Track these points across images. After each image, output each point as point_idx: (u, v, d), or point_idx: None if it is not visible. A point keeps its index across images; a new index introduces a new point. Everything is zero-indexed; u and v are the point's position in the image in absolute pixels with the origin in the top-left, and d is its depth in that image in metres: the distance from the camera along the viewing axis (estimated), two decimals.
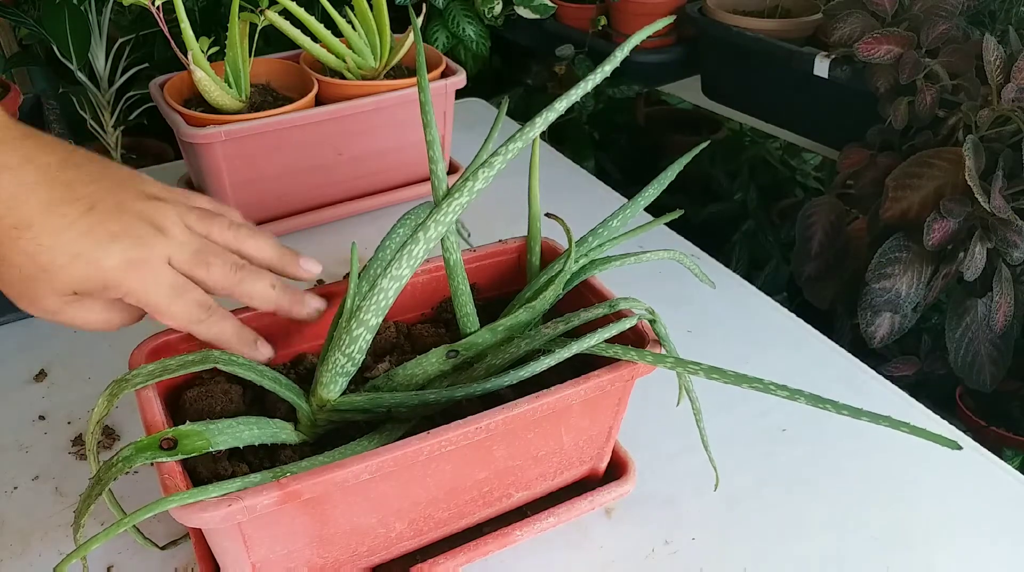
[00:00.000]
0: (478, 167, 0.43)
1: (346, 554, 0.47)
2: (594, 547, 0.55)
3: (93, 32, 1.12)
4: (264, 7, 0.79)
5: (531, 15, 1.25)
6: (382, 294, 0.44)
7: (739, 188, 1.54)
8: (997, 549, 0.56)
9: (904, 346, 1.04)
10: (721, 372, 0.44)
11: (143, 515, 0.38)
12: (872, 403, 0.63)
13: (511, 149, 0.42)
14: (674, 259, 0.54)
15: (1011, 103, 0.88)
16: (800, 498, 0.59)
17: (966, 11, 1.02)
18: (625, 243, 0.55)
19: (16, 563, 0.53)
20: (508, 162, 0.43)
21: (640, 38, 0.43)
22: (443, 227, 0.43)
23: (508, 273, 0.61)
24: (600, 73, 0.43)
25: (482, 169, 0.42)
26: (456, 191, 0.43)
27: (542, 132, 0.44)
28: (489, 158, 0.42)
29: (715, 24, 1.24)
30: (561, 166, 1.03)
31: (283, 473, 0.42)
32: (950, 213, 0.88)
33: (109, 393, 0.43)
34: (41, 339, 0.72)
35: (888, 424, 0.41)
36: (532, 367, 0.47)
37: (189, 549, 0.53)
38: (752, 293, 0.81)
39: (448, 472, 0.47)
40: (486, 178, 0.43)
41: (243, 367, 0.45)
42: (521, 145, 0.42)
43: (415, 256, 0.43)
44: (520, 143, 0.42)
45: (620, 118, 1.66)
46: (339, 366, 0.46)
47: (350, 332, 0.45)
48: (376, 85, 0.84)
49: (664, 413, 0.58)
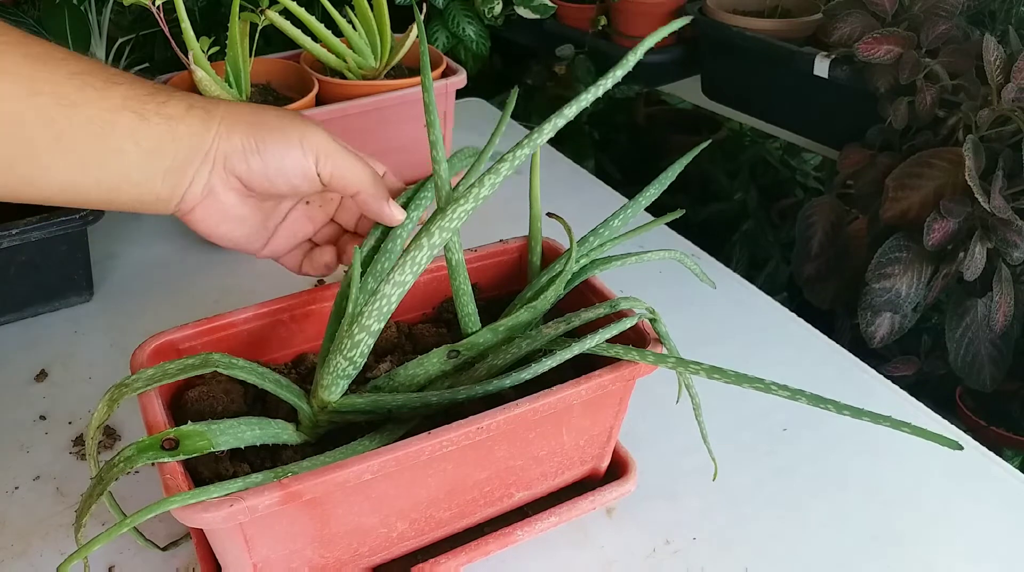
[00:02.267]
0: (485, 174, 0.42)
1: (348, 554, 0.47)
2: (595, 547, 0.55)
3: (93, 32, 1.12)
4: (264, 7, 0.79)
5: (531, 15, 1.25)
6: (385, 300, 0.44)
7: (739, 188, 1.54)
8: (997, 549, 0.56)
9: (904, 346, 1.04)
10: (722, 372, 0.44)
11: (145, 516, 0.38)
12: (873, 403, 0.63)
13: (519, 155, 0.42)
14: (675, 259, 0.54)
15: (1011, 103, 0.88)
16: (801, 498, 0.59)
17: (966, 11, 1.02)
18: (625, 243, 0.55)
19: (17, 563, 0.53)
20: (516, 168, 0.42)
21: (654, 40, 0.42)
22: (448, 233, 0.43)
23: (509, 273, 0.61)
24: (612, 78, 0.42)
25: (489, 175, 0.42)
26: (462, 197, 0.43)
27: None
28: (496, 165, 0.42)
29: (715, 24, 1.24)
30: (561, 166, 1.03)
31: (285, 473, 0.42)
32: (950, 213, 0.88)
33: (109, 398, 0.43)
34: (41, 339, 0.72)
35: (889, 424, 0.41)
36: (534, 368, 0.47)
37: (190, 549, 0.53)
38: (752, 293, 0.81)
39: (449, 472, 0.47)
40: (492, 185, 0.43)
41: (244, 370, 0.45)
42: (529, 151, 0.42)
43: (418, 262, 0.43)
44: (527, 150, 0.42)
45: (620, 118, 1.65)
46: (340, 369, 0.46)
47: (352, 336, 0.45)
48: (376, 85, 0.84)
49: (665, 413, 0.58)
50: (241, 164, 0.48)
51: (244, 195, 0.50)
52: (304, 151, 0.49)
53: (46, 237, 0.70)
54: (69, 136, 0.43)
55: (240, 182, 0.49)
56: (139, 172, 0.45)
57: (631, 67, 0.42)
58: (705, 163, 1.58)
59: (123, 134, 0.44)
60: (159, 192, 0.47)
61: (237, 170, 0.48)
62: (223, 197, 0.49)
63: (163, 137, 0.46)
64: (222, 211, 0.50)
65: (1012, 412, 1.02)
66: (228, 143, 0.47)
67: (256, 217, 0.52)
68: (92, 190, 0.45)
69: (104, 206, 0.47)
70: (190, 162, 0.47)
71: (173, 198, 0.48)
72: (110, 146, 0.44)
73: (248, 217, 0.52)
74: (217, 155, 0.48)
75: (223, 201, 0.49)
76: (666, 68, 1.41)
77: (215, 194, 0.49)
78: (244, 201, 0.51)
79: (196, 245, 0.85)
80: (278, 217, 0.54)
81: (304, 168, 0.49)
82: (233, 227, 0.51)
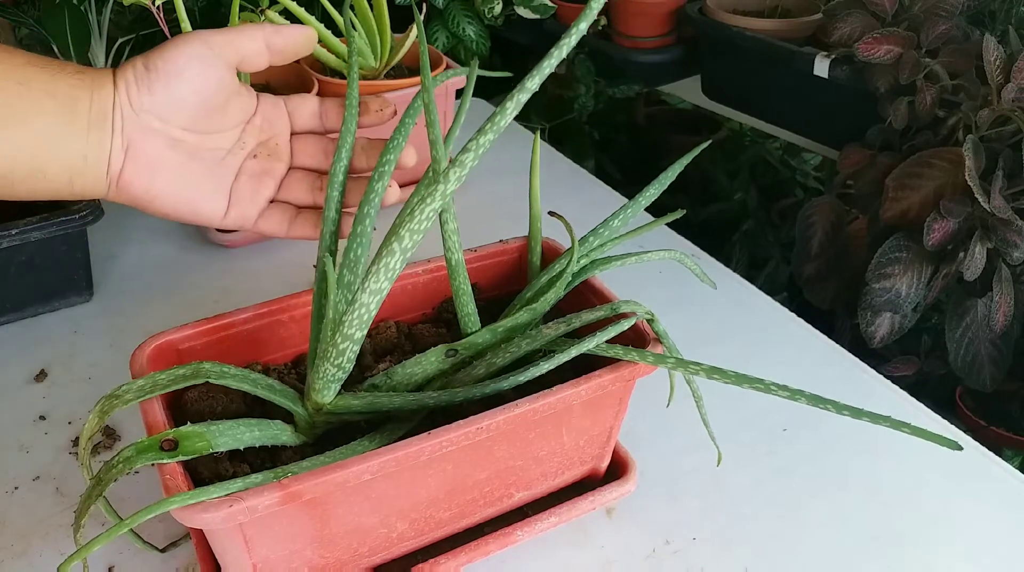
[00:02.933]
0: (449, 167, 0.40)
1: (347, 554, 0.47)
2: (595, 547, 0.55)
3: (93, 32, 1.12)
4: (264, 7, 0.79)
5: (531, 15, 1.25)
6: (364, 309, 0.43)
7: (739, 188, 1.54)
8: (997, 549, 0.56)
9: (904, 346, 1.04)
10: (722, 372, 0.44)
11: (144, 516, 0.38)
12: (873, 403, 0.63)
13: (482, 143, 0.40)
14: (675, 259, 0.54)
15: (1011, 103, 0.88)
16: (801, 498, 0.59)
17: (966, 11, 1.02)
18: (625, 243, 0.55)
19: (16, 563, 0.53)
20: (480, 157, 0.40)
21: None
22: (419, 236, 0.42)
23: (509, 273, 0.61)
24: (566, 46, 0.39)
25: (454, 169, 0.40)
26: (428, 197, 0.41)
27: (542, 132, 0.43)
28: (459, 155, 0.40)
29: (715, 24, 1.24)
30: (561, 166, 1.03)
31: (284, 473, 0.42)
32: (950, 213, 0.88)
33: (100, 409, 0.42)
34: (41, 339, 0.72)
35: (889, 424, 0.41)
36: (533, 371, 0.47)
37: (190, 549, 0.53)
38: (752, 293, 0.81)
39: (449, 472, 0.47)
40: (459, 178, 0.41)
41: (235, 378, 0.44)
42: (492, 137, 0.40)
43: (392, 268, 0.42)
44: (491, 135, 0.40)
45: (620, 118, 1.65)
46: (329, 375, 0.45)
47: (336, 345, 0.44)
48: (376, 85, 0.84)
49: (665, 413, 0.58)
50: (144, 93, 0.47)
51: (168, 139, 0.48)
52: (207, 45, 0.47)
53: (46, 237, 0.70)
54: None
55: (155, 118, 0.47)
56: (61, 127, 0.45)
57: (584, 32, 0.39)
58: (705, 163, 1.58)
59: (37, 88, 0.44)
60: (85, 150, 0.45)
61: (144, 103, 0.47)
62: (145, 145, 0.47)
63: (74, 89, 0.45)
64: (151, 161, 0.48)
65: (1012, 412, 1.02)
66: (123, 77, 0.46)
67: (194, 167, 0.50)
68: (20, 157, 0.44)
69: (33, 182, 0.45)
70: (105, 115, 0.46)
71: (101, 159, 0.46)
72: (28, 102, 0.43)
73: (183, 166, 0.49)
74: (120, 98, 0.46)
75: (147, 150, 0.47)
76: (666, 68, 1.41)
77: (136, 145, 0.47)
78: (172, 147, 0.48)
79: (196, 245, 0.85)
80: (227, 173, 0.52)
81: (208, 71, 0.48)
82: (169, 179, 0.48)
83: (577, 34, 0.39)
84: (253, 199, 0.53)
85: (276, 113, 0.54)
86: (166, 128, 0.48)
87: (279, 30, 0.51)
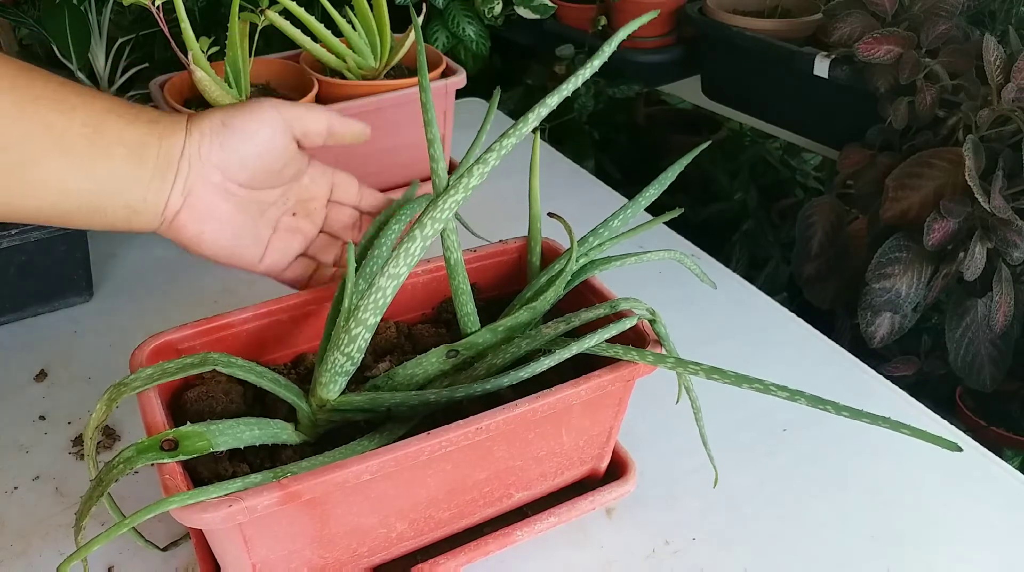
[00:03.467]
0: (473, 164, 0.43)
1: (347, 554, 0.47)
2: (595, 547, 0.55)
3: (93, 32, 1.12)
4: (264, 7, 0.79)
5: (531, 15, 1.25)
6: (380, 293, 0.44)
7: (739, 188, 1.54)
8: (997, 549, 0.56)
9: (904, 346, 1.04)
10: (721, 372, 0.44)
11: (144, 516, 0.38)
12: (873, 403, 0.63)
13: (505, 145, 0.42)
14: (674, 259, 0.54)
15: (1011, 103, 0.88)
16: (800, 498, 0.59)
17: (966, 11, 1.02)
18: (625, 243, 0.55)
19: (16, 563, 0.53)
20: (502, 158, 0.43)
21: (628, 32, 0.44)
22: (440, 224, 0.43)
23: (509, 273, 0.61)
24: (590, 68, 0.43)
25: (477, 165, 0.42)
26: (452, 188, 0.43)
27: (542, 132, 0.43)
28: (484, 154, 0.42)
29: (715, 24, 1.24)
30: (561, 166, 1.03)
31: (284, 473, 0.42)
32: (950, 213, 0.88)
33: (108, 398, 0.43)
34: (41, 339, 0.72)
35: (888, 425, 0.41)
36: (532, 367, 0.47)
37: (190, 549, 0.53)
38: (752, 293, 0.81)
39: (449, 472, 0.47)
40: (482, 174, 0.43)
41: (242, 369, 0.45)
42: (515, 141, 0.42)
43: (412, 254, 0.43)
44: (514, 139, 0.42)
45: (620, 118, 1.65)
46: (338, 365, 0.46)
47: (349, 331, 0.45)
48: (376, 85, 0.84)
49: (664, 413, 0.58)
50: (215, 147, 0.49)
51: (224, 192, 0.51)
52: (280, 115, 0.51)
53: (45, 237, 0.70)
54: (68, 140, 0.44)
55: (219, 172, 0.50)
56: (127, 173, 0.47)
57: (606, 58, 0.44)
58: (705, 163, 1.58)
59: (111, 136, 0.46)
60: (146, 194, 0.48)
61: (213, 157, 0.49)
62: (203, 194, 0.50)
63: (145, 138, 0.47)
64: (205, 209, 0.50)
65: (1012, 412, 1.02)
66: (198, 128, 0.49)
67: (241, 219, 0.53)
68: (84, 197, 0.46)
69: (92, 218, 0.47)
70: (171, 162, 0.48)
71: (159, 201, 0.48)
72: (100, 148, 0.45)
73: (232, 217, 0.52)
74: (191, 148, 0.49)
75: (204, 199, 0.50)
76: (666, 68, 1.41)
77: (195, 194, 0.49)
78: (226, 198, 0.51)
79: None
80: (267, 225, 0.55)
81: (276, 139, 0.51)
82: (218, 228, 0.51)
83: (601, 57, 0.44)
84: (285, 252, 0.56)
85: (322, 179, 0.58)
86: (224, 182, 0.51)
87: (344, 120, 0.56)
